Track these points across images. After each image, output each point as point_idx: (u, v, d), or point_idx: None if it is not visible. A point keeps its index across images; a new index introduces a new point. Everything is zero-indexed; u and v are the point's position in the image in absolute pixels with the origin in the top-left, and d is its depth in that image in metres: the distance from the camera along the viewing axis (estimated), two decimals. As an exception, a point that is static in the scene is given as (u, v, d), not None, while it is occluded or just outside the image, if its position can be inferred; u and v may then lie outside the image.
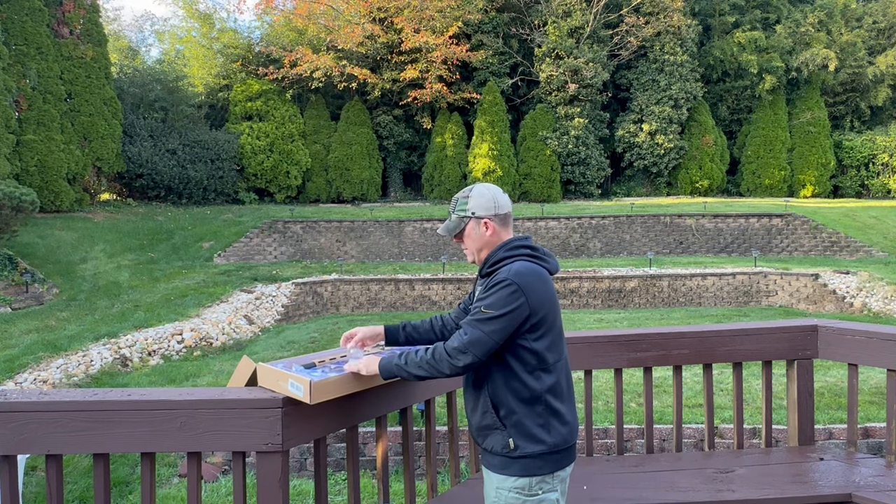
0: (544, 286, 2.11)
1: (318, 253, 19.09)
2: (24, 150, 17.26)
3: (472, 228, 2.21)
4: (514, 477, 2.08)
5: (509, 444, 2.08)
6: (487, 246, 2.20)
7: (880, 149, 25.32)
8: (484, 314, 2.04)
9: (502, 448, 2.09)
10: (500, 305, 2.03)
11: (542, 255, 2.19)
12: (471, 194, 2.22)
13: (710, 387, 3.33)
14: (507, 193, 2.26)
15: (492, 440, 2.12)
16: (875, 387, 6.88)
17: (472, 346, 2.02)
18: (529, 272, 2.09)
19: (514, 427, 2.08)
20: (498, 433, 2.10)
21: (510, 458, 2.08)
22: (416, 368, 2.08)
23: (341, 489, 5.19)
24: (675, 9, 24.25)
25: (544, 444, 2.08)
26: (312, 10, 24.37)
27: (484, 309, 2.04)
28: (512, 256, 2.14)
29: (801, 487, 2.79)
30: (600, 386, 6.99)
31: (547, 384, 2.09)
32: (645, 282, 15.29)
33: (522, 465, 2.07)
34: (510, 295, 2.03)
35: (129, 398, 2.07)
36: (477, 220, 2.20)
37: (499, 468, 2.11)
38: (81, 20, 19.21)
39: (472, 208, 2.21)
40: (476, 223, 2.20)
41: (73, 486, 5.41)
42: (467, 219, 2.21)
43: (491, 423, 2.12)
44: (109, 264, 15.30)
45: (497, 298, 2.04)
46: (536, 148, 24.22)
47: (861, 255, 18.08)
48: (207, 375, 8.26)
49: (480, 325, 2.03)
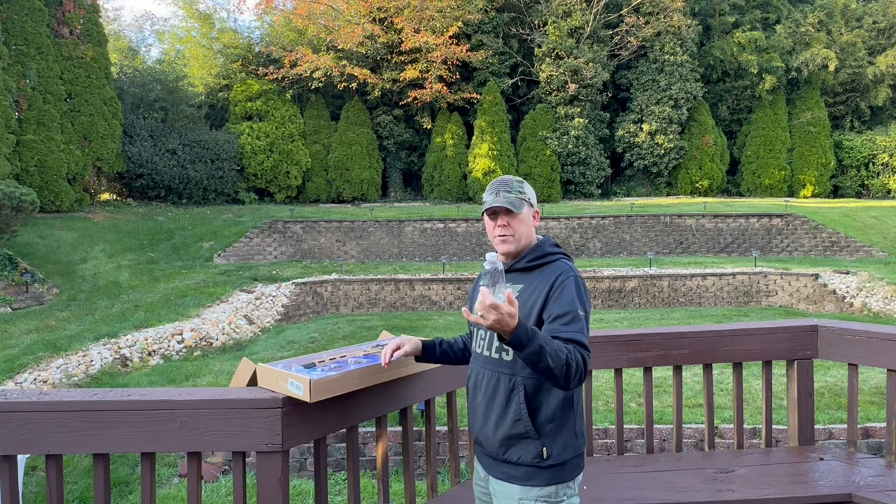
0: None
1: (318, 253, 19.09)
2: (24, 150, 17.27)
3: (527, 215, 2.10)
4: (540, 486, 1.98)
5: (542, 454, 1.97)
6: (529, 237, 2.10)
7: (880, 149, 25.33)
8: (580, 317, 1.93)
9: (533, 458, 1.98)
10: (586, 303, 1.98)
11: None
12: (524, 183, 2.13)
13: (710, 387, 3.33)
14: None
15: (519, 450, 2.00)
16: (875, 387, 6.88)
17: (588, 357, 1.90)
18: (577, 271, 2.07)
19: (548, 435, 1.99)
20: (529, 442, 1.98)
21: (539, 468, 1.98)
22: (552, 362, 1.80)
23: (341, 489, 5.19)
24: (675, 9, 24.26)
25: (576, 448, 2.03)
26: (312, 10, 24.37)
27: (580, 312, 1.94)
28: (556, 254, 2.08)
29: (801, 487, 2.79)
30: (600, 386, 6.99)
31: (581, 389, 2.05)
32: (645, 282, 15.29)
33: (552, 473, 1.99)
34: (586, 290, 2.01)
35: (129, 398, 2.07)
36: (531, 207, 2.12)
37: (523, 479, 1.99)
38: (81, 20, 19.21)
39: (528, 195, 2.12)
40: (530, 211, 2.12)
41: (73, 486, 5.41)
42: (525, 203, 2.10)
43: (523, 431, 1.98)
44: (109, 264, 15.30)
45: (576, 294, 1.96)
46: (536, 148, 24.22)
47: (861, 255, 18.08)
48: (207, 375, 8.26)
49: (585, 331, 1.93)
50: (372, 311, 15.09)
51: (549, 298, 1.97)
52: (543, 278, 2.01)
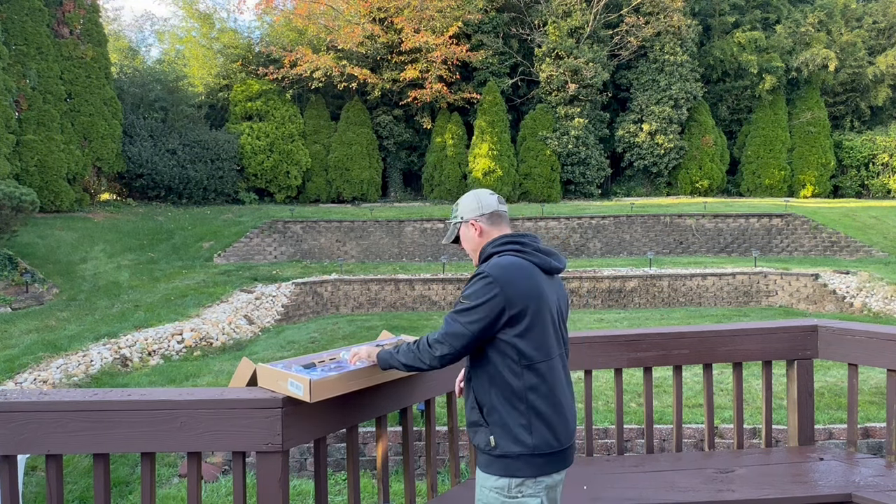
0: (527, 280, 2.08)
1: (318, 253, 19.09)
2: (24, 150, 17.26)
3: (463, 232, 2.29)
4: (496, 476, 2.07)
5: (490, 442, 2.08)
6: (478, 247, 2.26)
7: (880, 149, 25.33)
8: (462, 304, 2.07)
9: (485, 445, 2.10)
10: (476, 296, 2.04)
11: (531, 250, 2.16)
12: (459, 201, 2.32)
13: (710, 387, 3.33)
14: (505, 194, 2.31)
15: (477, 437, 2.14)
16: (875, 387, 6.88)
17: (449, 336, 2.06)
18: (510, 265, 2.09)
19: (495, 425, 2.08)
20: (482, 430, 2.11)
21: (491, 457, 2.09)
22: (403, 357, 2.14)
23: (341, 489, 5.18)
24: (675, 9, 24.26)
25: (524, 445, 2.04)
26: (312, 10, 24.37)
27: (462, 300, 2.08)
28: (498, 252, 2.16)
29: (801, 487, 2.79)
30: (600, 386, 6.99)
31: (530, 383, 2.05)
32: (645, 282, 15.29)
33: (502, 464, 2.06)
34: (485, 286, 2.04)
35: (129, 398, 2.07)
36: (466, 223, 2.28)
37: (483, 466, 2.12)
38: (81, 20, 19.21)
39: (460, 213, 2.29)
40: (466, 227, 2.28)
41: (73, 486, 5.41)
42: (458, 224, 2.31)
43: (476, 419, 2.14)
44: (109, 264, 15.31)
45: (473, 290, 2.06)
46: (536, 148, 24.22)
47: (861, 255, 18.08)
48: (207, 375, 8.26)
49: (458, 315, 2.06)
50: (372, 311, 15.09)
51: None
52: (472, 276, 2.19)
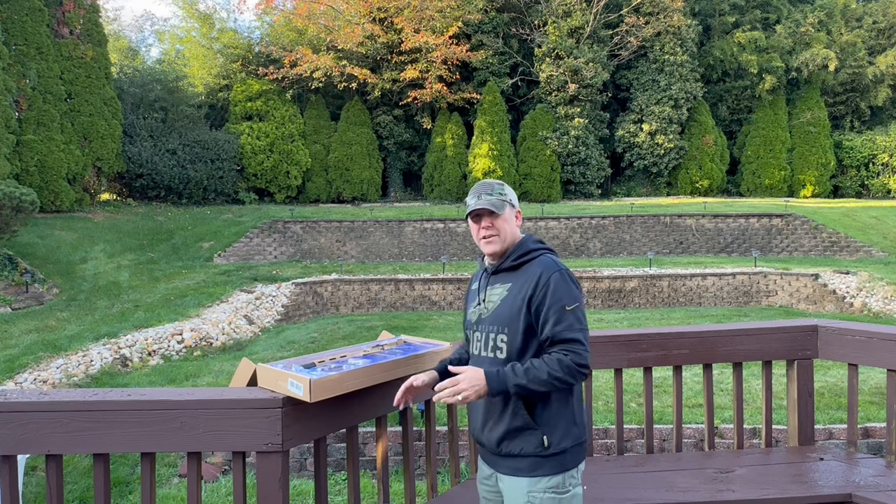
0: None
1: (318, 253, 19.09)
2: (24, 150, 17.26)
3: (509, 216, 2.19)
4: (548, 476, 2.04)
5: (543, 442, 2.04)
6: (513, 236, 2.19)
7: (880, 149, 25.33)
8: (572, 311, 2.02)
9: (535, 448, 2.04)
10: (578, 296, 2.05)
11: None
12: (504, 185, 2.22)
13: (710, 387, 3.32)
14: None
15: (521, 442, 2.06)
16: (875, 387, 6.88)
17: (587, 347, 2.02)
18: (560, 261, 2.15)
19: (547, 424, 2.05)
20: (529, 433, 2.05)
21: (542, 458, 2.04)
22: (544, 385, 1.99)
23: (341, 489, 5.18)
24: (675, 9, 24.26)
25: (573, 436, 2.08)
26: (312, 10, 24.37)
27: (568, 308, 2.02)
28: (538, 250, 2.16)
29: (801, 487, 2.79)
30: (600, 386, 6.99)
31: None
32: (645, 282, 15.28)
33: (556, 461, 2.05)
34: (573, 280, 2.07)
35: (129, 398, 2.07)
36: (512, 208, 2.20)
37: (529, 470, 2.05)
38: (81, 20, 19.21)
39: (509, 197, 2.20)
40: (512, 211, 2.20)
41: (73, 486, 5.41)
42: (507, 204, 2.18)
43: (522, 424, 2.06)
44: (109, 264, 15.30)
45: (568, 290, 2.04)
46: (536, 148, 24.22)
47: (861, 255, 18.08)
48: (207, 375, 8.26)
49: (581, 324, 2.03)
50: (372, 311, 15.08)
51: (535, 296, 2.05)
52: (529, 275, 2.08)
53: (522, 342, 2.07)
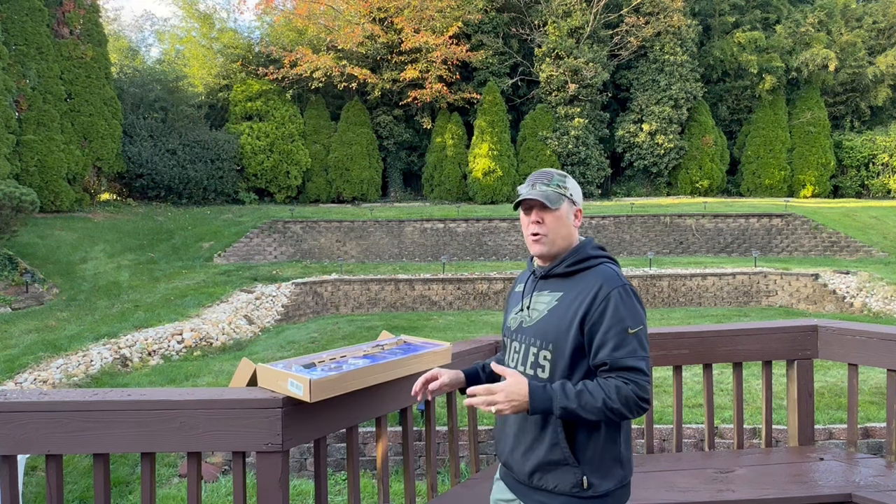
0: None
1: (318, 253, 19.09)
2: (24, 150, 17.26)
3: (566, 211, 1.89)
4: None
5: (582, 483, 1.78)
6: (568, 238, 1.89)
7: (880, 149, 25.33)
8: (634, 335, 1.75)
9: (572, 487, 1.79)
10: (640, 317, 1.78)
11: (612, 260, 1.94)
12: (567, 180, 1.92)
13: (710, 387, 3.32)
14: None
15: (555, 478, 1.81)
16: (875, 387, 6.88)
17: (650, 379, 1.76)
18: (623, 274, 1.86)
19: (589, 462, 1.80)
20: (567, 470, 1.80)
21: (578, 499, 1.80)
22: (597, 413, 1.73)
23: (341, 489, 5.18)
24: (675, 9, 24.26)
25: (616, 478, 1.82)
26: (312, 10, 24.38)
27: (631, 330, 1.75)
28: (599, 257, 1.87)
29: (801, 487, 2.79)
30: (600, 386, 6.98)
31: None
32: (645, 282, 15.29)
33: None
34: (636, 298, 1.80)
35: (129, 398, 2.07)
36: (572, 205, 1.91)
37: None
38: (81, 20, 19.21)
39: (570, 191, 1.90)
40: (570, 208, 1.90)
41: (73, 486, 5.41)
42: (565, 199, 1.89)
43: (560, 458, 1.80)
44: (109, 264, 15.30)
45: (631, 309, 1.77)
46: (536, 148, 24.23)
47: (861, 255, 18.08)
48: (207, 375, 8.26)
49: (642, 350, 1.76)
50: (372, 311, 15.08)
51: (591, 313, 1.77)
52: (585, 286, 1.81)
53: (570, 364, 1.80)
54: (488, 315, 13.75)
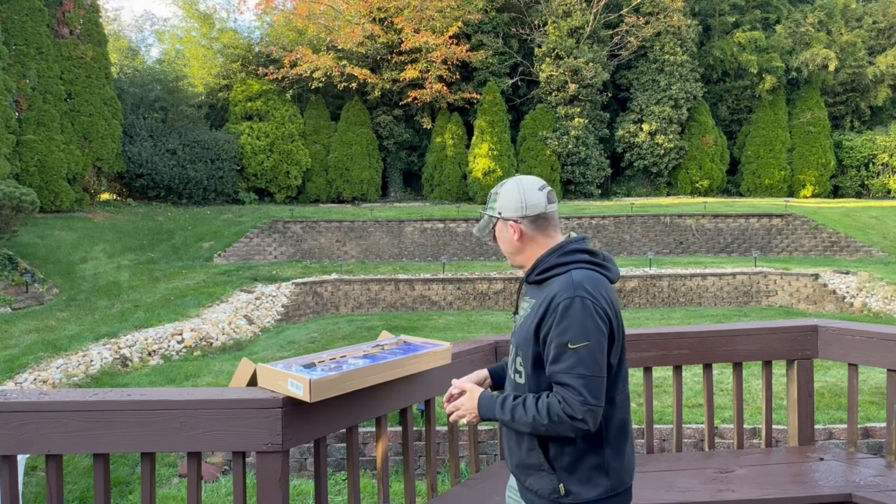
0: (611, 298, 1.76)
1: (318, 253, 19.09)
2: (24, 150, 17.26)
3: (500, 230, 1.89)
4: None
5: (559, 490, 1.76)
6: (520, 252, 1.87)
7: (880, 149, 25.33)
8: (575, 351, 1.66)
9: (550, 493, 1.77)
10: (588, 333, 1.67)
11: (602, 260, 1.81)
12: (500, 190, 1.88)
13: (710, 387, 3.33)
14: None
15: (536, 481, 1.81)
16: (875, 387, 6.88)
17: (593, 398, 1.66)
18: (595, 282, 1.73)
19: (564, 470, 1.76)
20: (544, 475, 1.78)
21: None
22: (528, 428, 1.73)
23: (341, 489, 5.18)
24: (675, 9, 24.26)
25: (600, 487, 1.76)
26: (312, 10, 24.37)
27: (571, 346, 1.67)
28: (568, 263, 1.77)
29: (801, 487, 2.79)
30: (600, 386, 6.98)
31: (611, 415, 1.78)
32: (645, 282, 15.29)
33: None
34: (591, 316, 1.68)
35: (129, 398, 2.07)
36: (504, 221, 1.86)
37: None
38: (81, 20, 19.21)
39: (499, 207, 1.87)
40: (504, 225, 1.87)
41: (73, 486, 5.41)
42: (495, 219, 1.89)
43: (536, 462, 1.79)
44: (109, 264, 15.30)
45: (575, 323, 1.67)
46: (536, 148, 24.23)
47: (861, 255, 18.08)
48: (207, 375, 8.27)
49: (585, 369, 1.66)
50: (372, 311, 15.09)
51: (544, 323, 1.73)
52: (547, 295, 1.75)
53: (534, 372, 1.78)
54: (488, 315, 13.75)
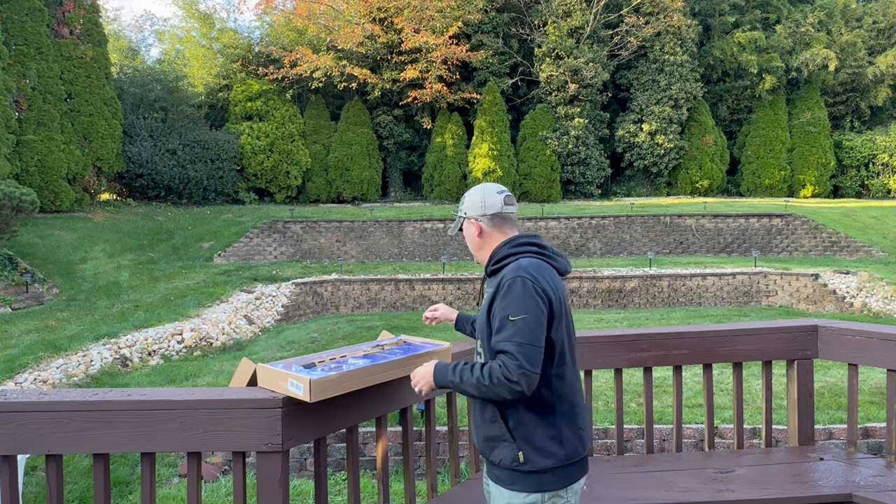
0: (555, 282, 1.99)
1: (318, 253, 19.10)
2: (24, 150, 17.26)
3: (465, 228, 2.19)
4: (525, 493, 1.95)
5: (518, 458, 1.94)
6: (481, 247, 2.15)
7: (880, 149, 25.33)
8: (513, 322, 1.89)
9: (511, 461, 1.95)
10: (526, 307, 1.89)
11: (550, 252, 2.08)
12: (467, 194, 2.20)
13: (710, 387, 3.33)
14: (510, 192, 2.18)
15: (500, 453, 1.98)
16: (875, 387, 6.88)
17: (527, 363, 1.86)
18: (538, 266, 1.98)
19: (524, 439, 1.95)
20: (506, 445, 1.97)
21: (519, 473, 1.96)
22: (473, 389, 1.93)
23: (341, 489, 5.18)
24: (675, 9, 24.26)
25: (555, 456, 1.95)
26: (312, 10, 24.37)
27: (511, 317, 1.89)
28: (517, 253, 2.04)
29: (801, 487, 2.79)
30: (600, 386, 6.99)
31: (559, 391, 1.97)
32: (645, 282, 15.29)
33: (533, 480, 1.95)
34: (530, 292, 1.91)
35: (129, 398, 2.07)
36: (468, 220, 2.17)
37: (508, 483, 1.98)
38: (81, 20, 19.21)
39: (464, 208, 2.19)
40: (468, 224, 2.17)
41: (73, 486, 5.41)
42: (461, 219, 2.20)
43: (498, 433, 1.98)
44: (109, 264, 15.30)
45: (517, 300, 1.90)
46: (536, 148, 24.23)
47: (861, 255, 18.08)
48: (207, 375, 8.27)
49: (521, 337, 1.87)
50: (372, 311, 15.09)
51: (494, 304, 1.97)
52: (498, 282, 2.00)
53: (488, 351, 1.98)
54: (488, 315, 13.72)
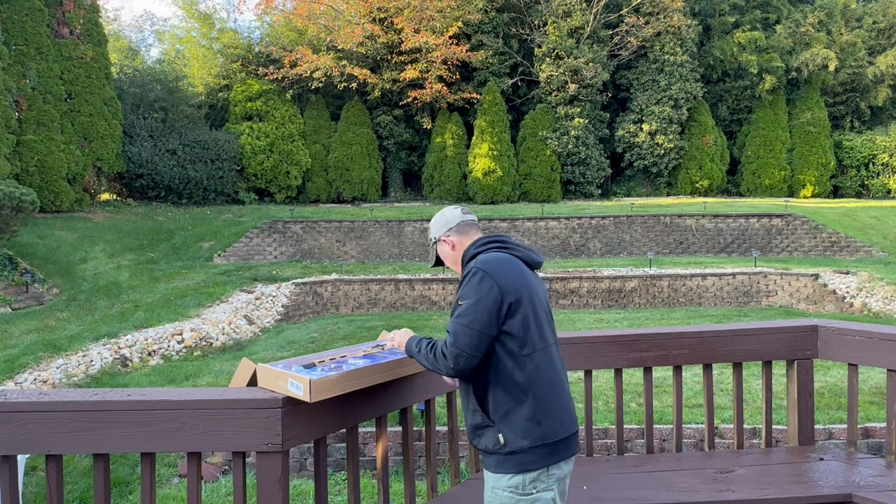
0: (516, 270, 2.15)
1: (318, 253, 19.09)
2: (24, 150, 17.26)
3: (440, 251, 2.36)
4: (509, 475, 2.07)
5: (499, 440, 2.07)
6: (458, 259, 2.32)
7: (880, 149, 25.32)
8: (460, 306, 2.09)
9: (493, 445, 2.09)
10: (473, 294, 2.07)
11: (512, 245, 2.25)
12: (430, 225, 2.40)
13: (710, 387, 3.33)
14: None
15: (484, 439, 2.13)
16: (875, 387, 6.88)
17: (459, 343, 2.04)
18: (498, 259, 2.16)
19: (502, 422, 2.08)
20: (488, 430, 2.11)
21: (501, 455, 2.08)
22: (424, 360, 2.16)
23: (341, 489, 5.18)
24: (675, 9, 24.25)
25: (533, 437, 2.07)
26: (312, 10, 24.36)
27: (460, 302, 2.10)
28: (482, 251, 2.23)
29: (801, 487, 2.79)
30: (600, 386, 6.99)
31: (532, 373, 2.10)
32: (645, 282, 15.29)
33: (515, 461, 2.06)
34: (480, 281, 2.08)
35: (129, 398, 2.07)
36: (439, 242, 2.36)
37: (493, 467, 2.11)
38: (81, 20, 19.20)
39: (432, 235, 2.38)
40: (440, 245, 2.35)
41: (73, 486, 5.41)
42: (434, 245, 2.38)
43: (480, 421, 2.13)
44: (109, 264, 15.30)
45: (469, 289, 2.09)
46: (536, 148, 24.22)
47: (861, 255, 18.08)
48: (207, 375, 8.27)
49: (460, 319, 2.07)
50: (372, 311, 15.09)
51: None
52: (462, 277, 2.22)
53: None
54: (488, 315, 13.72)
